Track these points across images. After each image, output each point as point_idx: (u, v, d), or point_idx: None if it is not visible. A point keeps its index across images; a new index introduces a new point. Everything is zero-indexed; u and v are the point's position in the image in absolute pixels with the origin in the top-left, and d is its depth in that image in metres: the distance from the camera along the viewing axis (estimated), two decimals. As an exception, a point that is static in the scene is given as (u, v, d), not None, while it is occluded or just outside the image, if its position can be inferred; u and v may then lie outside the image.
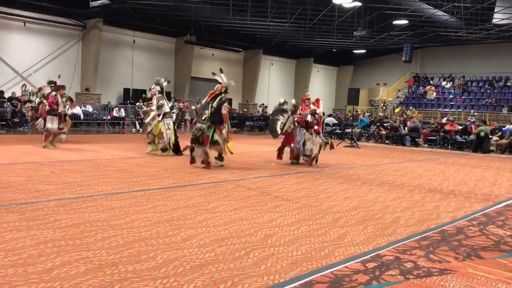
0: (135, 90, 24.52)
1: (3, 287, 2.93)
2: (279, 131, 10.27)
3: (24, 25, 20.96)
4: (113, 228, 4.45)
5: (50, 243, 3.88)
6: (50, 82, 12.47)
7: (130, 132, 20.39)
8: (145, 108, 13.54)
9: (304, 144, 10.09)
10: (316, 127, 10.19)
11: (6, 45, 20.66)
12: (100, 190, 6.36)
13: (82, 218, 4.73)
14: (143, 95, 19.30)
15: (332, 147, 10.57)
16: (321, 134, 10.68)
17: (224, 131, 9.13)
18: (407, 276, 3.53)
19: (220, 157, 9.37)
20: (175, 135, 11.11)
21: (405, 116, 23.89)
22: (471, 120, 19.17)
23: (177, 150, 11.03)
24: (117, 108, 22.45)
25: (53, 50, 22.00)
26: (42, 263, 3.40)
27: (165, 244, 4.02)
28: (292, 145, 10.23)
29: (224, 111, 9.10)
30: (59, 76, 13.22)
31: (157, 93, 11.01)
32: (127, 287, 3.05)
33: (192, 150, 9.06)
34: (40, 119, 12.46)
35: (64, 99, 12.19)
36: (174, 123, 11.24)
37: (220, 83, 9.37)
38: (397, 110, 27.74)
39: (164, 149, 10.95)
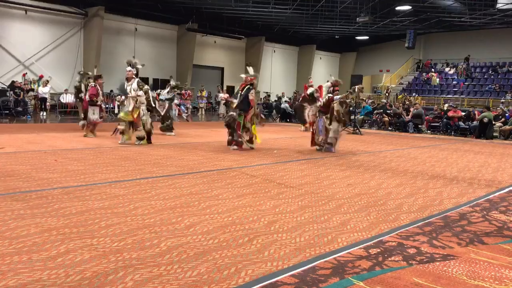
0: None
1: (8, 274, 2.96)
2: (306, 118, 10.74)
3: (26, 13, 20.89)
4: (117, 215, 4.47)
5: (54, 230, 3.91)
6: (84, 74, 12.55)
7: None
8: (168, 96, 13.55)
9: (326, 131, 10.29)
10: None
11: (7, 33, 20.60)
12: (103, 178, 6.38)
13: (86, 206, 4.75)
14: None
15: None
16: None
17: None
18: (410, 261, 3.54)
19: (250, 141, 10.40)
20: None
21: (407, 102, 23.74)
22: (502, 108, 18.76)
23: (149, 138, 10.67)
24: (119, 97, 22.43)
25: (55, 38, 21.94)
26: (47, 250, 3.43)
27: (168, 231, 4.04)
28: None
29: (251, 97, 10.08)
30: (95, 66, 13.09)
31: (134, 76, 10.52)
32: (131, 274, 3.07)
33: (231, 134, 10.28)
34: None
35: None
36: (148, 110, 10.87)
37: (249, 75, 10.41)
38: (400, 96, 27.63)
39: (141, 138, 10.48)
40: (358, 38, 32.99)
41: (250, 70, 10.62)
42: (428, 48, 33.35)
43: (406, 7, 23.69)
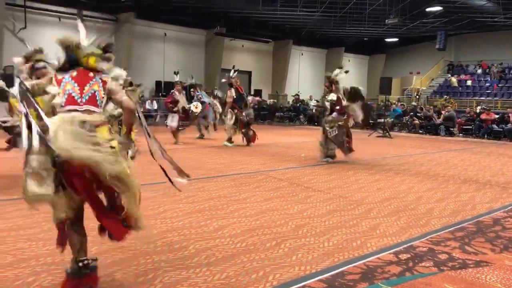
0: (167, 82, 24.80)
1: (42, 275, 3.04)
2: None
3: (59, 20, 21.44)
4: (147, 218, 4.50)
5: (86, 232, 3.99)
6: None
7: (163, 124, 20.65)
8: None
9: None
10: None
11: (42, 40, 20.98)
12: (133, 181, 6.46)
13: (116, 208, 4.82)
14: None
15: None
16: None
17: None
18: (441, 267, 3.47)
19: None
20: None
21: (449, 106, 23.08)
22: None
23: None
24: (149, 101, 22.78)
25: (87, 44, 22.44)
26: (79, 252, 3.50)
27: (197, 234, 4.08)
28: None
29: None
30: (176, 73, 12.96)
31: None
32: (161, 276, 3.11)
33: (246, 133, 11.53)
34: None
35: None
36: None
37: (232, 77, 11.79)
38: (442, 100, 26.66)
39: None
40: (387, 40, 32.56)
41: (233, 72, 12.04)
42: (460, 50, 32.62)
43: (437, 8, 23.24)
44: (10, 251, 3.48)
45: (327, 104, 9.27)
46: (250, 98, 21.28)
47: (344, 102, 9.08)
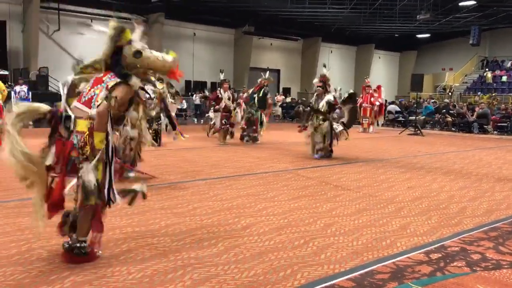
0: (196, 82, 25.04)
1: (75, 270, 3.12)
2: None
3: (91, 21, 21.91)
4: (177, 215, 4.60)
5: (117, 229, 4.07)
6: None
7: (193, 123, 20.87)
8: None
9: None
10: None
11: (75, 42, 21.68)
12: (164, 179, 6.57)
13: (147, 206, 4.89)
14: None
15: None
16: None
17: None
18: (474, 268, 3.39)
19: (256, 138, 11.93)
20: None
21: (495, 103, 22.39)
22: None
23: None
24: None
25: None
26: (110, 248, 3.58)
27: (225, 232, 4.11)
28: None
29: (270, 101, 12.41)
30: (222, 71, 12.66)
31: None
32: (190, 273, 3.15)
33: (243, 130, 11.95)
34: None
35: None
36: None
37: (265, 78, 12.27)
38: (485, 97, 25.83)
39: None
40: (419, 36, 31.95)
41: (266, 74, 12.52)
42: (495, 45, 31.71)
43: (470, 2, 22.66)
44: (45, 246, 3.59)
45: (326, 105, 9.02)
46: (277, 97, 21.23)
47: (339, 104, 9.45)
